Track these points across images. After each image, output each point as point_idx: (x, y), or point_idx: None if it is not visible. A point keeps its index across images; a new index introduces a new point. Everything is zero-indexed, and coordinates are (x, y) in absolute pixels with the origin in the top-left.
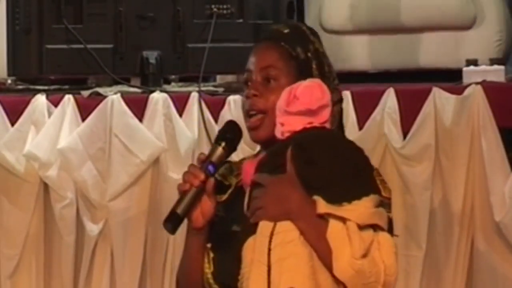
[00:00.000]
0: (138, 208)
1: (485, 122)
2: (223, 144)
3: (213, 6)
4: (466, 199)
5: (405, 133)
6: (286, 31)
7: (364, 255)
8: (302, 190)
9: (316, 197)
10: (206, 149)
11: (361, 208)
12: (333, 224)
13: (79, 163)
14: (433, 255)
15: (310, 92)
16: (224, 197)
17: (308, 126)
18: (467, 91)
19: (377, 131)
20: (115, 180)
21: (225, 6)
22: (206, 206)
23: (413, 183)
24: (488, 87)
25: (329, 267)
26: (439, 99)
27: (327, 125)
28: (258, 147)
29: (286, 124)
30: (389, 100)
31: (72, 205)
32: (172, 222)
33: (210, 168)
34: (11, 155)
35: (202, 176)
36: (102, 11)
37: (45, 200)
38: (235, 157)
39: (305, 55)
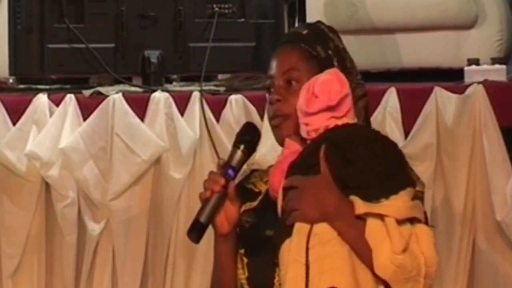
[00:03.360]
0: (139, 208)
1: (486, 121)
2: (241, 147)
3: (214, 5)
4: (468, 198)
5: (406, 133)
6: (304, 32)
7: (404, 250)
8: (338, 191)
9: (352, 197)
10: (207, 148)
11: (399, 203)
12: (371, 222)
13: (80, 163)
14: None
15: (328, 87)
16: (255, 203)
17: (339, 123)
18: (468, 91)
19: (379, 130)
20: (117, 179)
21: (226, 6)
22: (230, 211)
23: None
24: (490, 87)
25: (369, 265)
26: (441, 98)
27: (350, 116)
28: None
29: (310, 124)
30: (391, 99)
31: (73, 205)
32: (196, 231)
33: (230, 172)
34: (12, 154)
35: (222, 181)
36: (104, 10)
37: (47, 199)
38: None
39: (325, 53)
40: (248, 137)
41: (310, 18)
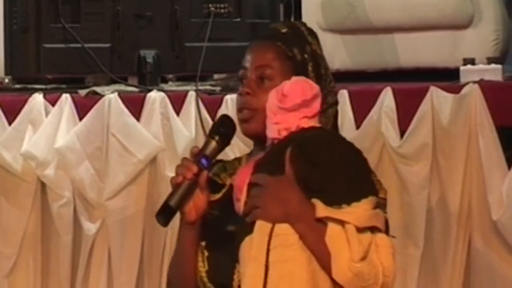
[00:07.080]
0: (135, 207)
1: (482, 121)
2: (216, 137)
3: (210, 5)
4: (464, 198)
5: (402, 132)
6: (283, 30)
7: (363, 258)
8: (301, 192)
9: (314, 200)
10: None
11: (360, 211)
12: (332, 227)
13: (76, 162)
14: (430, 254)
15: (299, 85)
16: (218, 196)
17: (306, 126)
18: (464, 90)
19: (375, 130)
20: (113, 179)
21: (222, 5)
22: (199, 200)
23: (411, 182)
24: (486, 86)
25: (327, 270)
26: (437, 98)
27: (317, 120)
28: (251, 147)
29: (282, 122)
30: (387, 99)
31: (69, 204)
32: (165, 214)
33: (203, 161)
34: (8, 154)
35: (195, 168)
36: (100, 10)
37: (43, 199)
38: (230, 153)
39: (301, 56)
40: (223, 129)
41: (306, 17)
